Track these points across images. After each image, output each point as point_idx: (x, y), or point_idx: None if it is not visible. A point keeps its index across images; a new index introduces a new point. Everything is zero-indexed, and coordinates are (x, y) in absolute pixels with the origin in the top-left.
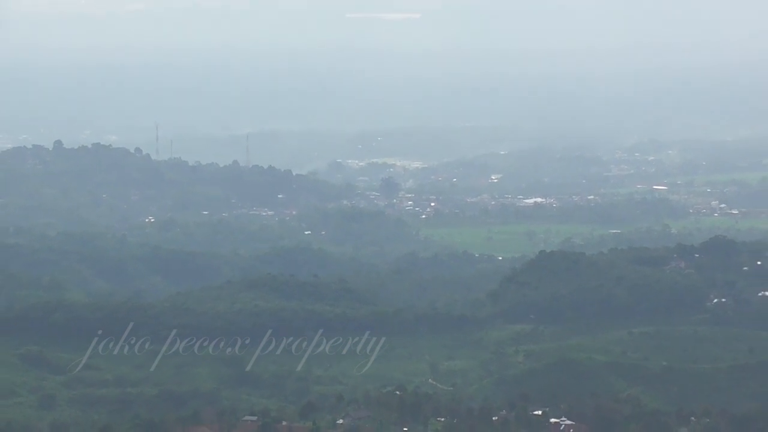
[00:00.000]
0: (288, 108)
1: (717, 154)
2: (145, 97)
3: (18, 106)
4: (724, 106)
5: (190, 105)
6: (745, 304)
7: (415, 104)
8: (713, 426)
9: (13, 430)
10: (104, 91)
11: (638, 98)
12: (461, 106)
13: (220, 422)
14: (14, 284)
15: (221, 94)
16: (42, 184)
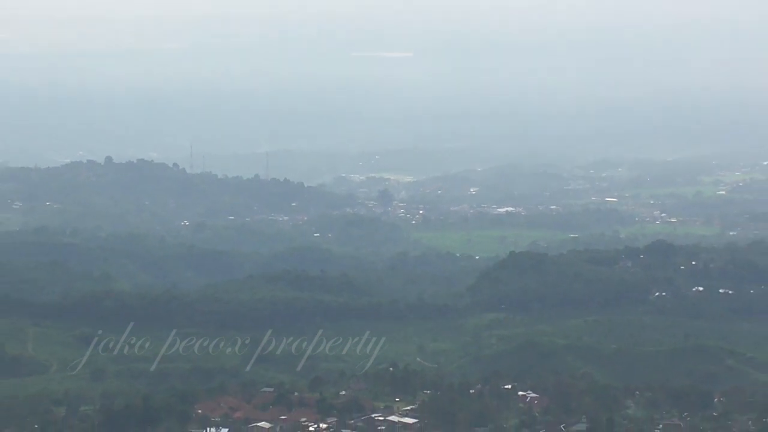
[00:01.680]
0: (301, 130)
1: (659, 172)
2: (181, 120)
3: (76, 126)
4: (665, 132)
5: (219, 127)
6: (682, 298)
7: (407, 128)
8: (654, 399)
9: (70, 398)
10: (147, 115)
11: (593, 124)
12: (445, 130)
13: (242, 393)
14: (70, 277)
15: (245, 118)
16: (94, 193)
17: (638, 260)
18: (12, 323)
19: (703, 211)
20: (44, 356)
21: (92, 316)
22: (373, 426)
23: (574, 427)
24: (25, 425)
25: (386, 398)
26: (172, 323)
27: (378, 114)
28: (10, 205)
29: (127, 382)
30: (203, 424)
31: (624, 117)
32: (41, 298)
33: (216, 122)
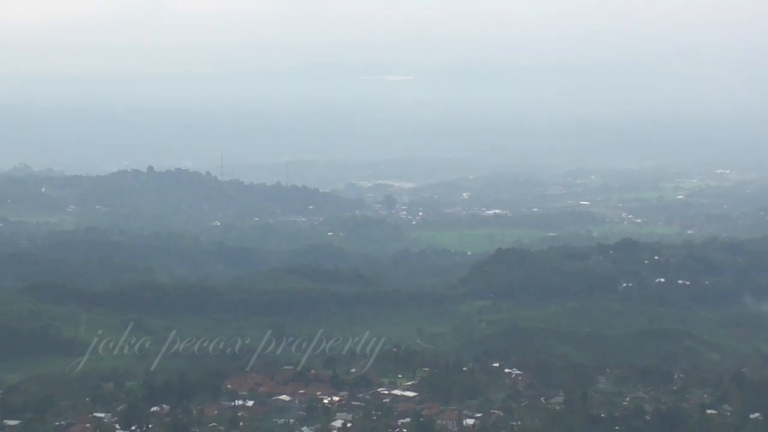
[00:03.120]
0: (316, 144)
1: (626, 179)
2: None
3: (122, 140)
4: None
5: (245, 141)
6: (646, 288)
7: (408, 142)
8: (622, 375)
9: (117, 374)
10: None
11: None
12: (441, 143)
13: (266, 371)
14: (117, 270)
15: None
16: (138, 198)
17: (608, 255)
18: (67, 310)
19: (664, 213)
20: (94, 338)
21: (136, 303)
22: (379, 399)
23: (553, 399)
24: (78, 398)
25: (390, 375)
26: (204, 310)
27: (383, 129)
28: (65, 208)
29: (167, 360)
30: (232, 397)
31: (596, 132)
32: (92, 288)
33: (243, 136)
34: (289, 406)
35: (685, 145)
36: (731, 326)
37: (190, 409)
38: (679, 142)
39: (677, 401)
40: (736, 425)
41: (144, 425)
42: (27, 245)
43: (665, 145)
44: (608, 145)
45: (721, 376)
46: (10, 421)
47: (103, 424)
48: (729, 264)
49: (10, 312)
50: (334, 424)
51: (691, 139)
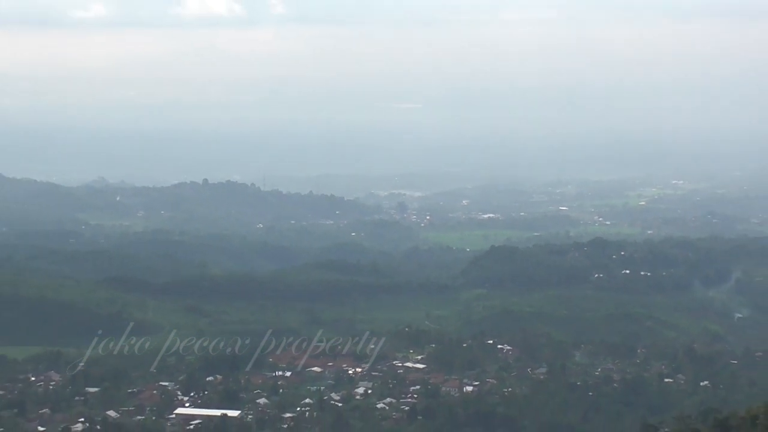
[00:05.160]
0: (341, 159)
1: (597, 188)
2: (256, 151)
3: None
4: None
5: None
6: (614, 278)
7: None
8: (594, 350)
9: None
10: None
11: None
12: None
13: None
14: (178, 264)
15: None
16: (195, 205)
17: (583, 251)
18: (137, 297)
19: (628, 217)
20: (160, 321)
21: (193, 292)
22: (394, 370)
23: (538, 370)
24: (146, 369)
25: (403, 350)
26: (250, 297)
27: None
28: (135, 214)
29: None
30: (273, 369)
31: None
32: (157, 280)
33: (281, 154)
34: (320, 376)
35: (646, 160)
36: (684, 309)
37: (239, 379)
38: (641, 157)
39: (640, 371)
40: (689, 391)
41: (201, 392)
42: (104, 244)
43: (630, 160)
44: (582, 160)
45: (676, 351)
46: (91, 389)
47: (167, 391)
48: (682, 259)
49: (91, 299)
50: (357, 391)
51: (651, 155)
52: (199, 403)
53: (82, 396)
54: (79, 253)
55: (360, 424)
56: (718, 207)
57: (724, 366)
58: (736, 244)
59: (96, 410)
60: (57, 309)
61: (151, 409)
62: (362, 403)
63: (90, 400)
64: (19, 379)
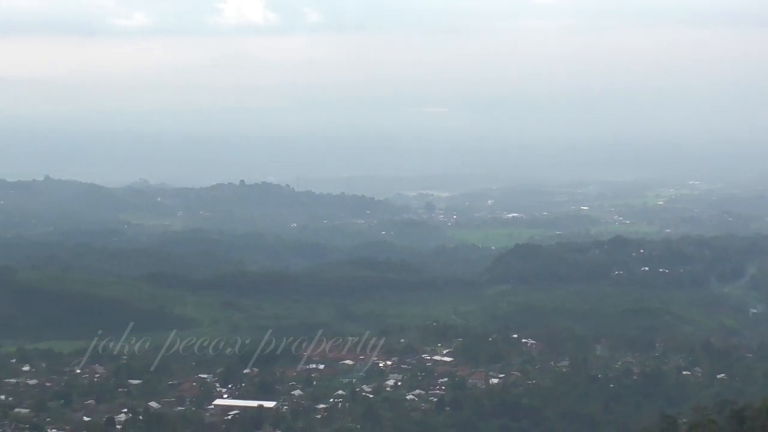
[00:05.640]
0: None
1: (617, 189)
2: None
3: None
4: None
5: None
6: (633, 275)
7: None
8: (614, 344)
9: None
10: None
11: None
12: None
13: (334, 340)
14: (216, 261)
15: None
16: (233, 205)
17: (603, 249)
18: (177, 293)
19: (647, 216)
20: (199, 316)
21: (231, 288)
22: (423, 362)
23: (560, 363)
24: (186, 362)
25: (431, 343)
26: (285, 293)
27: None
28: (175, 214)
29: (254, 332)
30: (308, 361)
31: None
32: (196, 276)
33: (314, 156)
34: (352, 368)
35: (663, 162)
36: (701, 305)
37: (274, 371)
38: (659, 159)
39: (658, 364)
40: (705, 384)
41: (238, 384)
42: (145, 243)
43: (648, 162)
44: (602, 162)
45: (693, 345)
46: (133, 381)
47: (206, 383)
48: (699, 256)
49: (133, 294)
50: (388, 383)
51: (668, 157)
52: (236, 395)
53: (125, 387)
54: (122, 251)
55: (390, 415)
56: (733, 206)
57: (739, 359)
58: (750, 241)
59: (138, 401)
60: (101, 304)
61: (190, 400)
62: (392, 394)
63: (133, 391)
64: (65, 371)
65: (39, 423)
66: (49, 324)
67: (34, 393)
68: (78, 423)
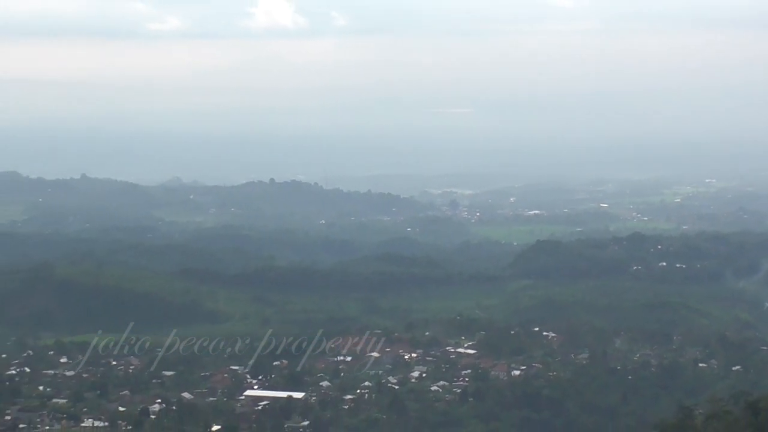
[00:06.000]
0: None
1: (635, 187)
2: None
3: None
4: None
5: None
6: (651, 270)
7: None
8: (633, 337)
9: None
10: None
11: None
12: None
13: (360, 333)
14: (247, 257)
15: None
16: (263, 203)
17: (622, 245)
18: (209, 288)
19: (665, 213)
20: (230, 310)
21: (261, 282)
22: (447, 355)
23: (580, 355)
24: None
25: (455, 336)
26: (313, 287)
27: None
28: (207, 211)
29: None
30: (335, 353)
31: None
32: (228, 271)
33: (341, 155)
34: (378, 361)
35: (680, 160)
36: (717, 299)
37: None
38: (676, 158)
39: (676, 357)
40: (721, 376)
41: (268, 375)
42: (179, 239)
43: (665, 161)
44: (621, 161)
45: (709, 338)
46: (167, 372)
47: (237, 375)
48: (715, 252)
49: (167, 289)
50: (413, 375)
51: (685, 156)
52: (266, 386)
53: (159, 379)
54: (156, 247)
55: (415, 406)
56: (747, 203)
57: (754, 352)
58: (765, 237)
59: (172, 392)
60: (135, 298)
61: (222, 391)
62: (417, 385)
63: (166, 382)
64: (101, 363)
65: (76, 413)
66: (86, 317)
67: (71, 384)
68: (113, 413)
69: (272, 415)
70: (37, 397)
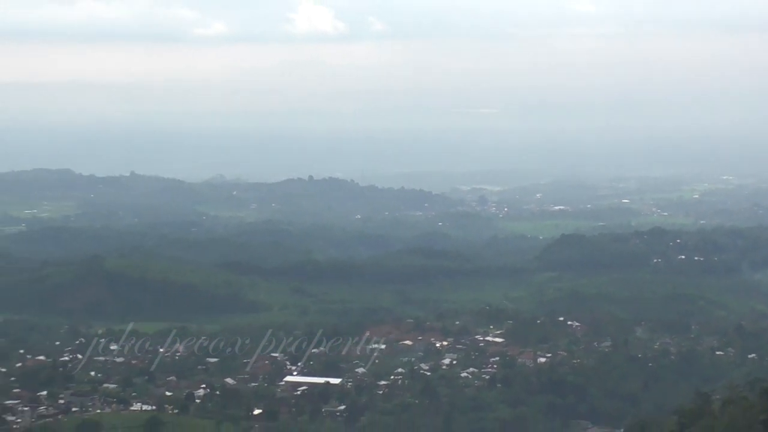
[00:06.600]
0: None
1: (655, 183)
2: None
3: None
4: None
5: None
6: (670, 263)
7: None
8: (653, 327)
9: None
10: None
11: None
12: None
13: (394, 322)
14: (286, 251)
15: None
16: (301, 199)
17: (643, 239)
18: (250, 280)
19: (683, 208)
20: (270, 301)
21: (300, 275)
22: (476, 343)
23: (603, 344)
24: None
25: (484, 326)
26: (349, 280)
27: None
28: (249, 206)
29: (322, 315)
30: (370, 341)
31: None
32: (268, 264)
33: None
34: (411, 348)
35: (698, 158)
36: (733, 291)
37: (340, 350)
38: (694, 156)
39: (694, 346)
40: (737, 363)
41: (307, 362)
42: (222, 233)
43: (684, 158)
44: (642, 159)
45: (726, 328)
46: (211, 359)
47: (277, 361)
48: (731, 245)
49: (210, 281)
50: (444, 362)
51: (702, 154)
52: (305, 372)
53: (204, 365)
54: (200, 240)
55: (446, 391)
56: (763, 199)
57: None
58: None
59: (215, 378)
60: (181, 290)
61: (263, 377)
62: (448, 372)
63: (210, 368)
64: (149, 350)
65: (125, 397)
66: (134, 307)
67: (121, 370)
68: (160, 397)
69: (310, 400)
70: (89, 382)
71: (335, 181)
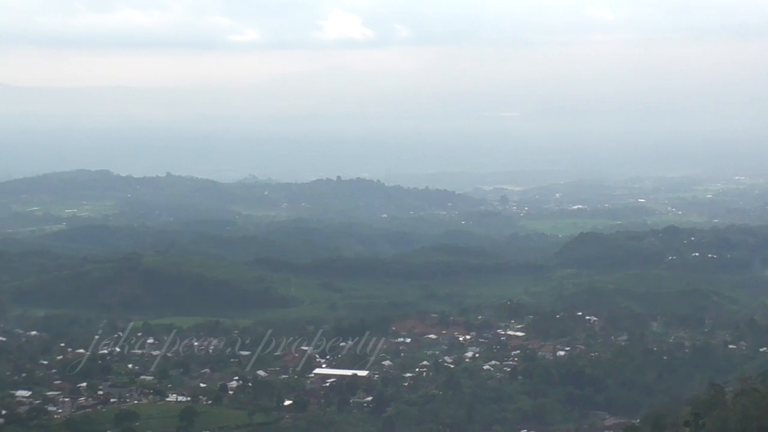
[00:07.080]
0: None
1: (670, 183)
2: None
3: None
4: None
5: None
6: (685, 260)
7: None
8: (668, 321)
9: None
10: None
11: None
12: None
13: (419, 317)
14: (316, 248)
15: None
16: (330, 198)
17: (658, 237)
18: (282, 276)
19: (697, 207)
20: (300, 295)
21: (328, 271)
22: (498, 337)
23: (620, 338)
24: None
25: (505, 320)
26: (376, 275)
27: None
28: (279, 205)
29: (349, 310)
30: (396, 335)
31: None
32: (298, 261)
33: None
34: (435, 342)
35: (711, 159)
36: (745, 287)
37: (366, 343)
38: (708, 157)
39: (707, 339)
40: (749, 356)
41: (335, 355)
42: (254, 231)
43: (698, 159)
44: (657, 159)
45: (738, 322)
46: (243, 352)
47: (307, 355)
48: (744, 243)
49: (243, 277)
50: (467, 355)
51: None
52: (333, 365)
53: (237, 358)
54: (233, 238)
55: (469, 383)
56: None
57: None
58: None
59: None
60: (215, 285)
61: (293, 369)
62: (471, 365)
63: (243, 361)
64: (184, 344)
65: (161, 388)
66: (170, 302)
67: (157, 362)
68: (195, 389)
69: (339, 391)
70: (126, 374)
71: (362, 182)
